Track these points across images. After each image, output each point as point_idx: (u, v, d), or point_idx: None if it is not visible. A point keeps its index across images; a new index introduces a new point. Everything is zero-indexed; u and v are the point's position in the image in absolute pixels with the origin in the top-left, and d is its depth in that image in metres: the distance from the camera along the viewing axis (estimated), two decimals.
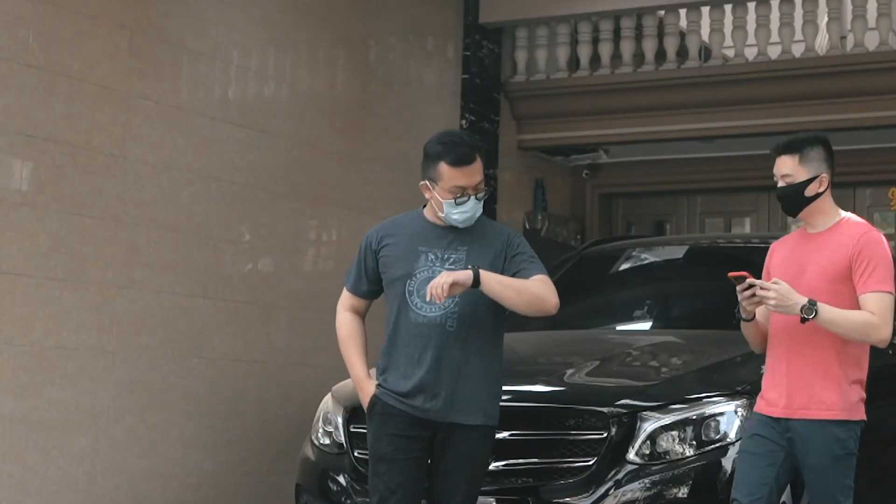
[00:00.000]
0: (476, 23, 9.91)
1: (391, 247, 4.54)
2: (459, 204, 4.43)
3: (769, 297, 4.25)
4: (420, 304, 4.42)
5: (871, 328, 4.32)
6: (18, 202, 6.27)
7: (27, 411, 6.26)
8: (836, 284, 4.36)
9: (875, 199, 10.69)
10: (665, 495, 4.68)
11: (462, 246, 4.48)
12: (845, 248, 4.39)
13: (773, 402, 4.42)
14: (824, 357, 4.37)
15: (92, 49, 6.66)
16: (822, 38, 10.20)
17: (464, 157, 4.43)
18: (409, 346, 4.43)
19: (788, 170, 4.46)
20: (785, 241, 4.69)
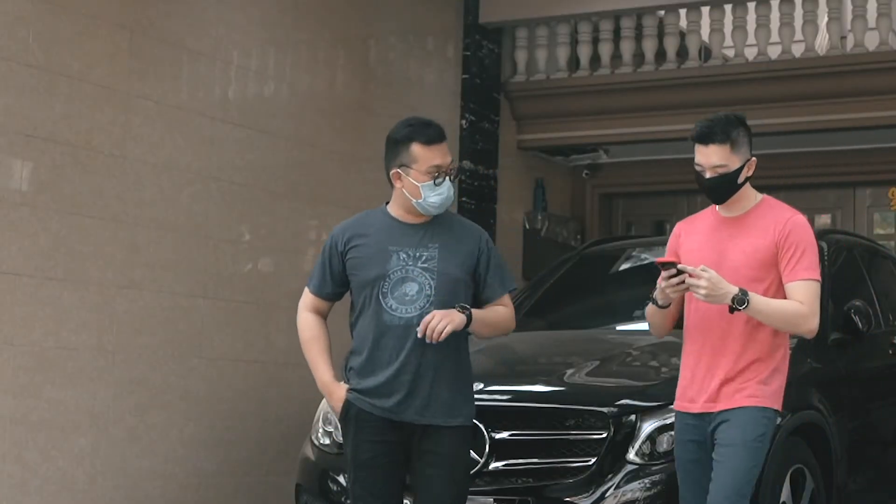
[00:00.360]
0: (476, 23, 9.91)
1: (360, 248, 4.40)
2: (438, 185, 4.31)
3: (700, 285, 4.05)
4: (395, 305, 4.31)
5: (802, 318, 4.18)
6: (18, 202, 6.27)
7: (27, 411, 6.26)
8: (760, 271, 4.21)
9: (875, 199, 10.69)
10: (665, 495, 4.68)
11: (433, 243, 4.36)
12: (770, 232, 4.24)
13: (693, 398, 4.27)
14: (746, 347, 4.22)
15: (92, 49, 6.66)
16: (822, 38, 10.20)
17: (436, 136, 4.36)
18: (384, 348, 4.31)
19: (721, 160, 4.24)
20: (694, 223, 4.49)
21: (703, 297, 4.07)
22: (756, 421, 4.18)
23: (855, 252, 6.63)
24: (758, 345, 4.23)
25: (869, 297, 6.29)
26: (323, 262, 4.48)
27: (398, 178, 4.37)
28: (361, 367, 4.35)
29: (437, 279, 4.30)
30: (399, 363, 4.28)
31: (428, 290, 4.29)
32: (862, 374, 5.98)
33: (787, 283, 4.18)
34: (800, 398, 5.29)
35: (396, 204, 4.45)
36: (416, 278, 4.31)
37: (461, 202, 9.59)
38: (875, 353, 6.26)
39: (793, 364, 5.43)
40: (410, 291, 4.30)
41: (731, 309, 4.08)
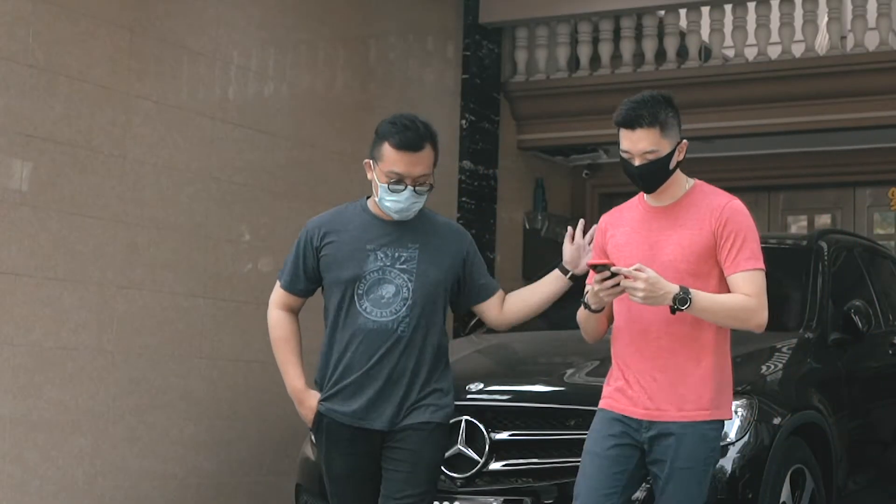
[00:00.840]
0: (476, 23, 9.91)
1: (335, 245, 4.17)
2: (393, 192, 4.07)
3: (637, 287, 3.67)
4: (370, 308, 4.10)
5: (750, 312, 3.80)
6: (18, 202, 6.27)
7: (27, 411, 6.26)
8: (699, 264, 3.85)
9: (875, 199, 10.69)
10: None
11: (413, 244, 4.16)
12: (707, 221, 3.87)
13: (634, 400, 3.90)
14: (689, 349, 3.85)
15: (92, 49, 6.66)
16: (822, 38, 10.20)
17: (408, 142, 4.06)
18: (357, 353, 4.11)
19: (651, 145, 3.86)
20: (620, 215, 4.11)
21: (640, 299, 3.69)
22: (708, 437, 3.85)
23: (855, 252, 6.63)
24: (702, 346, 3.86)
25: (869, 297, 6.28)
26: (296, 256, 4.25)
27: (368, 167, 4.17)
28: (332, 373, 4.17)
29: (415, 281, 4.12)
30: (370, 369, 4.10)
31: (405, 293, 4.11)
32: (862, 374, 5.98)
33: (730, 275, 3.83)
34: (800, 398, 5.30)
35: (373, 199, 4.23)
36: (393, 280, 4.12)
37: (461, 202, 9.59)
38: (875, 353, 6.26)
39: (793, 364, 5.47)
40: (387, 294, 4.11)
41: (673, 310, 3.71)
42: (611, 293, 3.76)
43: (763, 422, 4.89)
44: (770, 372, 5.34)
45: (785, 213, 11.21)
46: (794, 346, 5.60)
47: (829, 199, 11.02)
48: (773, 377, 5.31)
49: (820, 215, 11.14)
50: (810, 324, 5.74)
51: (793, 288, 6.09)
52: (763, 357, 5.44)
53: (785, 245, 6.85)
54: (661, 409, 3.84)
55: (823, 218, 11.11)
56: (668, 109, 3.89)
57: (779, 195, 11.10)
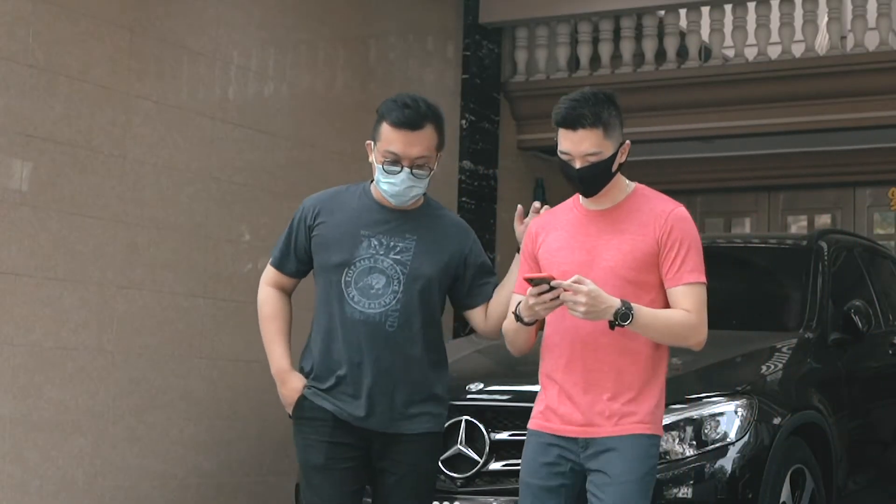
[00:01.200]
0: (476, 23, 9.91)
1: (328, 226, 3.94)
2: (389, 173, 3.84)
3: (578, 301, 3.41)
4: (358, 297, 3.86)
5: (691, 330, 3.58)
6: (18, 202, 6.27)
7: (27, 411, 6.26)
8: (640, 272, 3.60)
9: (875, 199, 10.70)
10: (665, 495, 4.68)
11: (412, 234, 3.91)
12: (651, 228, 3.62)
13: (566, 418, 3.64)
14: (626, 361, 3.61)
15: (92, 49, 6.66)
16: (822, 38, 10.20)
17: (406, 120, 3.84)
18: (343, 344, 3.88)
19: (594, 147, 3.59)
20: (553, 218, 3.82)
21: (581, 314, 3.43)
22: (647, 452, 3.61)
23: (855, 252, 6.62)
24: (639, 358, 3.62)
25: (869, 297, 6.28)
26: (288, 234, 4.04)
27: (369, 149, 3.95)
28: (318, 362, 3.95)
29: (408, 274, 3.87)
30: (357, 364, 3.86)
31: (396, 286, 3.86)
32: (862, 374, 5.97)
33: (671, 287, 3.59)
34: (800, 398, 5.30)
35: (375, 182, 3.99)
36: (385, 270, 3.87)
37: (461, 202, 9.59)
38: (875, 353, 6.26)
39: (793, 364, 5.47)
40: (377, 284, 3.86)
41: (612, 325, 3.46)
42: (548, 307, 3.50)
43: (763, 422, 4.89)
44: (770, 372, 5.34)
45: (785, 213, 11.22)
46: (794, 346, 5.60)
47: (829, 199, 11.03)
48: (773, 377, 5.31)
49: (820, 215, 11.15)
50: (810, 324, 5.74)
51: (793, 288, 6.10)
52: (763, 357, 5.45)
53: (785, 245, 6.86)
54: (596, 425, 3.60)
55: (823, 218, 11.12)
56: (610, 108, 3.63)
57: (779, 195, 11.11)
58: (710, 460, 4.74)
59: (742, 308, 6.26)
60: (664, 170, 10.87)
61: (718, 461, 4.73)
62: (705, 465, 4.74)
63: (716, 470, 4.73)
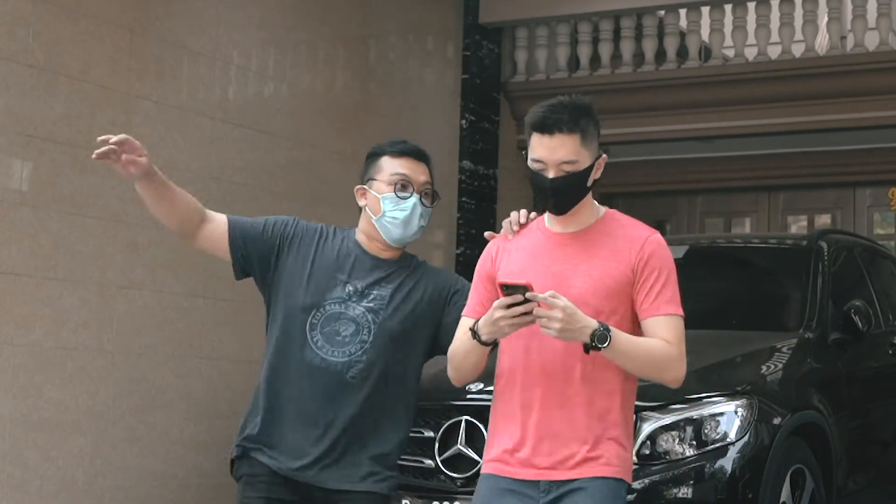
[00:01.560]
0: (476, 23, 9.92)
1: (303, 257, 3.68)
2: (401, 198, 3.62)
3: (554, 317, 3.02)
4: (322, 342, 3.57)
5: (671, 362, 3.20)
6: (18, 202, 6.27)
7: (27, 411, 6.26)
8: (609, 302, 3.21)
9: (875, 199, 10.70)
10: (665, 495, 4.68)
11: (388, 283, 3.65)
12: (626, 254, 3.25)
13: (525, 460, 3.24)
14: (594, 397, 3.22)
15: (92, 49, 6.66)
16: (822, 38, 10.20)
17: (409, 150, 3.73)
18: (296, 390, 3.59)
19: (571, 154, 3.25)
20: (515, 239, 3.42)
21: (555, 331, 3.03)
22: (617, 494, 3.24)
23: (855, 252, 6.63)
24: (608, 394, 3.24)
25: (869, 297, 6.28)
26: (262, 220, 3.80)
27: (363, 195, 3.72)
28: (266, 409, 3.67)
29: (379, 324, 3.59)
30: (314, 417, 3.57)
31: (365, 335, 3.57)
32: (862, 374, 5.98)
33: (648, 318, 3.22)
34: (800, 398, 5.30)
35: (361, 231, 3.74)
36: (356, 318, 3.59)
37: (461, 202, 9.59)
38: (875, 353, 6.26)
39: (793, 364, 5.48)
40: (345, 331, 3.58)
41: (588, 348, 3.07)
42: (514, 323, 3.07)
43: (763, 422, 4.89)
44: (770, 372, 5.34)
45: (785, 213, 11.22)
46: (794, 346, 5.60)
47: (829, 199, 11.03)
48: (773, 377, 5.32)
49: (820, 215, 11.15)
50: (810, 324, 5.74)
51: (793, 288, 6.10)
52: (763, 357, 5.45)
53: (785, 245, 6.86)
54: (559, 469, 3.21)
55: (823, 218, 11.12)
56: (589, 117, 3.31)
57: (779, 195, 11.11)
58: (710, 460, 4.74)
59: (742, 308, 6.26)
60: (664, 170, 10.88)
61: (718, 461, 4.74)
62: (705, 465, 4.74)
63: (716, 470, 4.73)
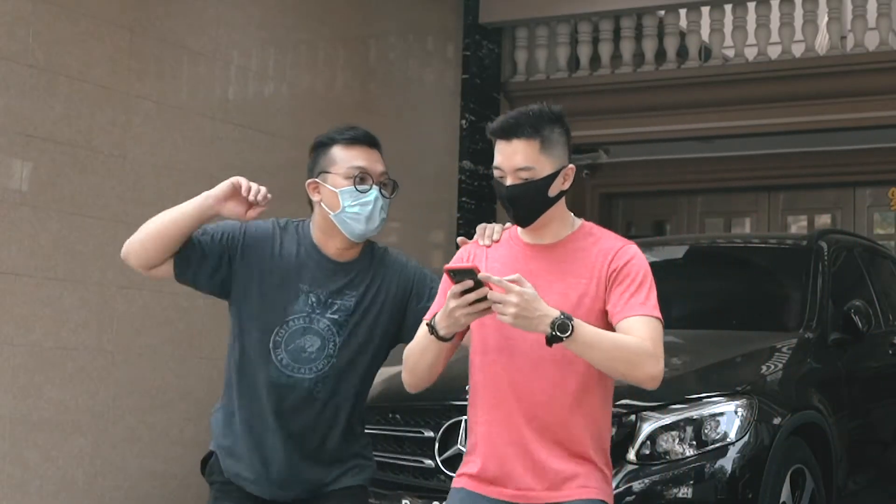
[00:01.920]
0: (476, 23, 9.92)
1: (261, 270, 3.45)
2: (360, 192, 3.40)
3: (509, 301, 2.82)
4: (287, 361, 3.39)
5: (644, 356, 2.94)
6: (18, 202, 6.27)
7: (27, 411, 6.26)
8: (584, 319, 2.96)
9: (875, 199, 10.71)
10: (665, 495, 4.68)
11: (352, 290, 3.45)
12: (597, 268, 3.08)
13: (497, 479, 3.07)
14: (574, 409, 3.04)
15: (92, 49, 6.66)
16: (822, 38, 10.21)
17: (361, 137, 3.48)
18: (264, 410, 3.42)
19: (527, 161, 3.09)
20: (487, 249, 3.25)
21: (510, 317, 2.83)
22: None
23: (855, 252, 6.63)
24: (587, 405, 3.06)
25: (869, 297, 6.29)
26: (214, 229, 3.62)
27: (315, 189, 3.50)
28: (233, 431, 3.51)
29: (344, 337, 3.42)
30: (281, 435, 3.41)
31: (331, 349, 3.41)
32: (862, 374, 5.98)
33: (621, 319, 3.01)
34: (800, 398, 5.30)
35: (316, 227, 3.51)
36: (321, 332, 3.41)
37: (461, 202, 9.59)
38: (875, 353, 6.26)
39: (793, 364, 5.48)
40: (310, 347, 3.40)
41: (550, 339, 2.86)
42: (471, 311, 2.89)
43: (763, 422, 4.89)
44: (770, 372, 5.34)
45: (785, 213, 11.22)
46: (794, 346, 5.60)
47: (829, 199, 11.04)
48: (773, 377, 5.32)
49: (820, 215, 11.16)
50: (810, 324, 5.74)
51: (793, 288, 6.10)
52: (763, 357, 5.45)
53: (785, 245, 6.86)
54: (534, 490, 3.04)
55: (823, 218, 11.12)
56: (554, 125, 3.15)
57: (779, 195, 11.12)
58: (710, 460, 4.74)
59: (742, 308, 6.27)
60: (664, 170, 10.89)
61: (718, 461, 4.73)
62: (705, 465, 4.73)
63: (716, 470, 4.73)
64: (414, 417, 5.04)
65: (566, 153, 3.18)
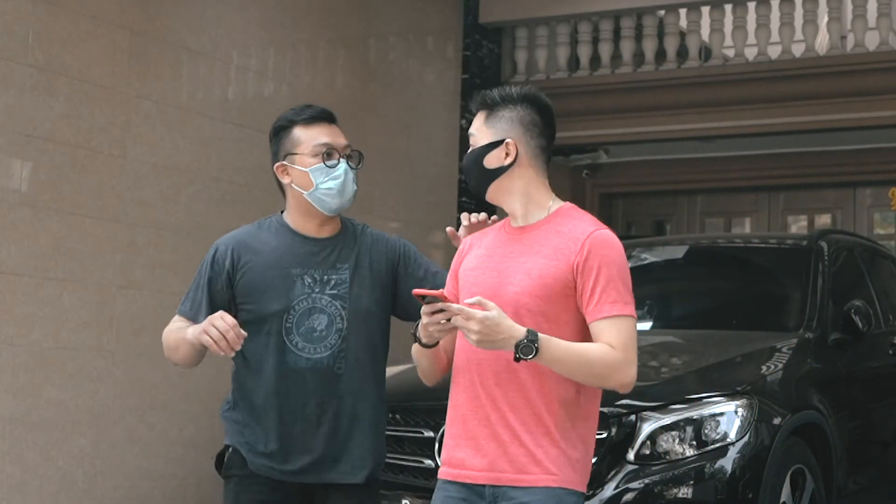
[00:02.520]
0: (476, 23, 9.92)
1: (255, 269, 3.52)
2: (330, 167, 3.51)
3: (470, 329, 2.89)
4: (302, 343, 3.46)
5: (612, 369, 2.99)
6: (18, 202, 6.27)
7: (27, 411, 6.26)
8: (549, 303, 3.04)
9: (875, 199, 10.71)
10: (665, 495, 4.68)
11: (342, 264, 3.52)
12: (564, 253, 3.07)
13: (468, 464, 3.09)
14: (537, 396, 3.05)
15: (92, 49, 6.66)
16: (822, 38, 10.20)
17: (319, 114, 3.64)
18: (287, 397, 3.46)
19: (473, 128, 3.24)
20: (483, 235, 3.35)
21: (475, 342, 2.91)
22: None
23: (855, 252, 6.63)
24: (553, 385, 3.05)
25: (869, 297, 6.29)
26: (199, 281, 3.63)
27: (284, 172, 3.60)
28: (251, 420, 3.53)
29: (349, 309, 3.49)
30: (307, 418, 3.46)
31: (339, 324, 3.48)
32: (862, 374, 5.98)
33: (591, 322, 3.03)
34: (800, 398, 5.30)
35: (291, 210, 3.62)
36: (325, 308, 3.48)
37: (461, 202, 9.58)
38: (875, 353, 6.26)
39: (793, 364, 5.48)
40: (319, 326, 3.47)
41: (517, 358, 2.91)
42: (442, 329, 2.99)
43: (763, 422, 4.89)
44: (770, 372, 5.34)
45: (785, 213, 11.23)
46: (794, 346, 5.61)
47: (829, 199, 11.04)
48: (773, 377, 5.32)
49: (820, 215, 11.16)
50: (810, 324, 5.74)
51: (793, 288, 6.10)
52: (763, 357, 5.45)
53: (785, 245, 6.86)
54: (500, 471, 3.05)
55: (823, 218, 11.12)
56: (516, 104, 3.21)
57: (779, 195, 11.12)
58: (710, 460, 4.74)
59: (742, 308, 6.27)
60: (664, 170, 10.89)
61: (718, 461, 4.73)
62: (705, 465, 4.73)
63: (716, 470, 4.73)
64: (414, 417, 5.04)
65: (519, 132, 3.19)
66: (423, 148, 9.27)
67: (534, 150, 3.22)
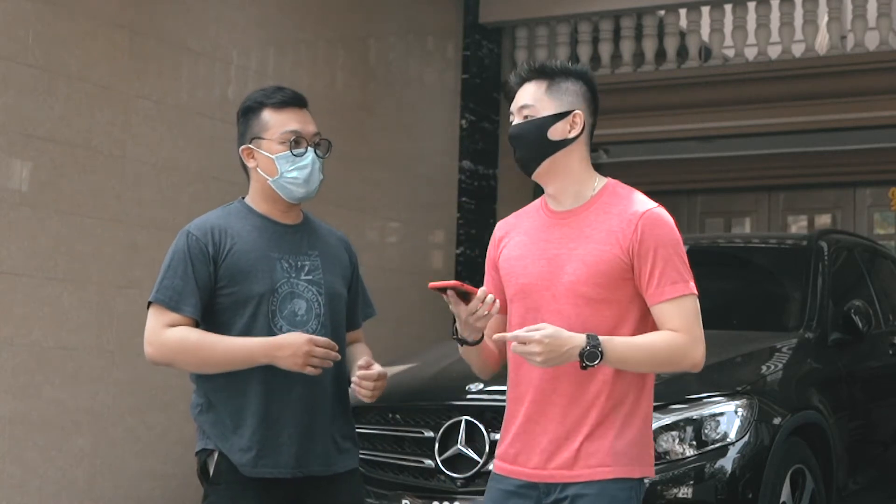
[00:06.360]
0: (476, 23, 9.92)
1: (238, 253, 3.40)
2: (298, 156, 3.45)
3: (532, 352, 2.85)
4: (286, 327, 3.35)
5: (681, 353, 3.02)
6: (18, 202, 6.27)
7: (27, 411, 6.26)
8: (609, 290, 3.01)
9: (875, 199, 10.71)
10: (665, 495, 4.68)
11: (312, 250, 3.48)
12: (619, 235, 3.02)
13: (521, 460, 3.06)
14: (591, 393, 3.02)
15: (92, 49, 6.66)
16: (822, 37, 10.21)
17: (290, 98, 3.52)
18: (271, 384, 3.35)
19: (529, 98, 3.08)
20: (518, 222, 3.27)
21: (540, 364, 2.87)
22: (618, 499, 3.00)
23: (855, 252, 6.63)
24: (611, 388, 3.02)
25: (869, 297, 6.29)
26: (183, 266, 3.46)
27: (250, 155, 3.56)
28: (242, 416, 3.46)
29: (324, 294, 3.43)
30: (294, 403, 3.36)
31: (317, 308, 3.41)
32: (862, 374, 5.98)
33: (653, 306, 3.02)
34: (800, 398, 5.30)
35: (255, 194, 3.58)
36: (302, 294, 3.41)
37: (461, 202, 9.59)
38: (875, 353, 6.26)
39: (793, 364, 5.48)
40: (300, 310, 3.39)
41: (584, 366, 2.90)
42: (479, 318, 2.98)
43: (763, 422, 4.89)
44: (770, 372, 5.35)
45: (785, 213, 11.22)
46: (794, 346, 5.61)
47: (829, 199, 11.04)
48: (773, 377, 5.32)
49: (820, 215, 11.15)
50: (810, 324, 5.74)
51: (793, 288, 6.10)
52: (763, 357, 5.45)
53: (785, 245, 6.86)
54: (552, 469, 3.02)
55: (823, 218, 11.12)
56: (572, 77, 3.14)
57: (779, 195, 11.12)
58: (710, 460, 4.74)
59: (742, 308, 6.26)
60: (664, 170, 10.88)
61: (718, 461, 4.73)
62: (705, 465, 4.74)
63: (716, 470, 4.73)
64: (414, 417, 5.04)
65: (583, 106, 3.13)
66: (423, 148, 9.27)
67: (589, 129, 3.17)
